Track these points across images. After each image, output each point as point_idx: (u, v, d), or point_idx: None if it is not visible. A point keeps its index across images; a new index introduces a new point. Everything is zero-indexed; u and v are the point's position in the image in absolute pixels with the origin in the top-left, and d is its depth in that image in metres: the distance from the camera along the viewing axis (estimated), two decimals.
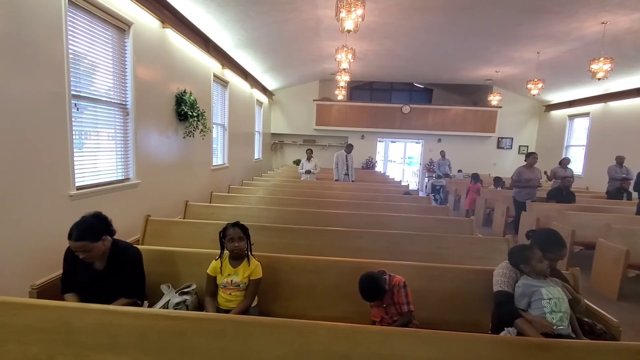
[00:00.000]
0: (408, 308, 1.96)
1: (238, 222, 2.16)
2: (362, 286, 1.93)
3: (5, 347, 1.46)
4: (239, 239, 2.08)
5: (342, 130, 11.50)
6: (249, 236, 2.14)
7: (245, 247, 2.11)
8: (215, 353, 1.42)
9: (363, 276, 1.95)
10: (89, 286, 1.93)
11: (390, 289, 1.98)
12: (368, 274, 1.96)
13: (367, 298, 1.95)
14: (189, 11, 4.52)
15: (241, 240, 2.09)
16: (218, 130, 6.69)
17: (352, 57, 5.92)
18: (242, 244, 2.09)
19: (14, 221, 2.39)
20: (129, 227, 3.43)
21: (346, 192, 5.89)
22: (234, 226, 2.11)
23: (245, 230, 2.13)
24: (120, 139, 3.62)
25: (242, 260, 2.11)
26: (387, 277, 2.01)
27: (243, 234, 2.10)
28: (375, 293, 1.93)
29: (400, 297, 1.97)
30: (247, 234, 2.13)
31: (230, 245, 2.07)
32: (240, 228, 2.11)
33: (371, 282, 1.92)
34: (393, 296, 1.98)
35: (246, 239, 2.12)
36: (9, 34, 2.29)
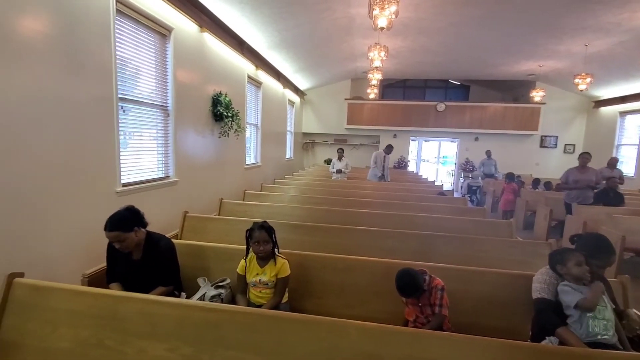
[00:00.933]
0: (440, 311, 1.92)
1: (264, 223, 2.14)
2: (399, 280, 1.91)
3: (61, 329, 1.60)
4: (264, 242, 2.07)
5: (374, 130, 11.36)
6: (272, 236, 2.12)
7: (270, 249, 2.10)
8: (248, 345, 1.47)
9: (401, 271, 1.93)
10: (128, 276, 2.07)
11: (428, 290, 1.95)
12: (407, 269, 1.94)
13: (403, 293, 1.93)
14: (225, 14, 4.67)
15: (267, 243, 2.08)
16: (251, 130, 6.86)
17: (384, 54, 5.84)
18: (267, 247, 2.08)
19: (68, 215, 2.61)
20: (168, 222, 3.61)
21: (377, 192, 5.82)
22: (260, 229, 2.09)
23: (270, 232, 2.10)
24: (161, 139, 3.82)
25: (268, 260, 2.13)
26: (427, 277, 1.98)
27: (269, 237, 2.08)
28: (411, 289, 1.90)
29: (436, 299, 1.94)
30: (272, 236, 2.10)
31: (255, 248, 2.09)
32: (266, 231, 2.09)
33: (408, 277, 1.90)
34: (430, 297, 1.95)
35: (272, 241, 2.11)
36: (65, 42, 2.50)
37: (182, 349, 1.50)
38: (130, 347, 1.53)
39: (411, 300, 1.98)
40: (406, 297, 1.96)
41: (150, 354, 1.51)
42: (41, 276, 1.82)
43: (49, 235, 2.47)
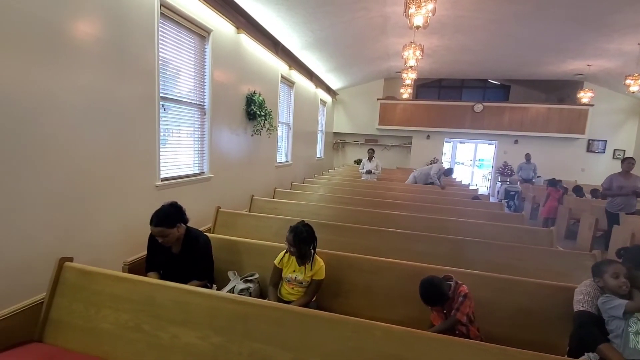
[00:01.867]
0: (455, 314, 1.87)
1: (297, 227, 2.13)
2: (422, 290, 1.90)
3: (103, 311, 1.72)
4: (290, 245, 2.10)
5: (406, 130, 11.14)
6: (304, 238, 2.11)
7: (301, 252, 2.11)
8: (275, 339, 1.50)
9: (424, 280, 1.91)
10: (167, 267, 2.18)
11: (453, 296, 1.91)
12: (429, 278, 1.91)
13: (426, 302, 1.91)
14: (261, 16, 4.78)
15: (292, 246, 2.10)
16: (283, 129, 6.97)
17: (420, 53, 5.72)
18: (292, 250, 2.11)
19: (113, 206, 2.79)
20: (202, 217, 3.76)
21: (407, 194, 5.72)
22: (290, 232, 2.12)
23: (298, 238, 2.09)
24: (197, 137, 3.99)
25: (307, 260, 2.15)
26: (452, 284, 1.93)
27: (295, 242, 2.08)
28: (435, 298, 1.88)
29: (457, 303, 1.89)
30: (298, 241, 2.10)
31: (287, 246, 2.15)
32: (294, 235, 2.09)
33: (431, 287, 1.88)
34: (453, 303, 1.90)
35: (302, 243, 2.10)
36: (114, 45, 2.67)
37: (212, 338, 1.56)
38: (164, 333, 1.61)
39: (436, 307, 1.95)
40: (429, 305, 1.92)
41: (183, 340, 1.58)
42: (87, 261, 1.97)
43: (96, 223, 2.66)
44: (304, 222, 2.22)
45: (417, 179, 7.09)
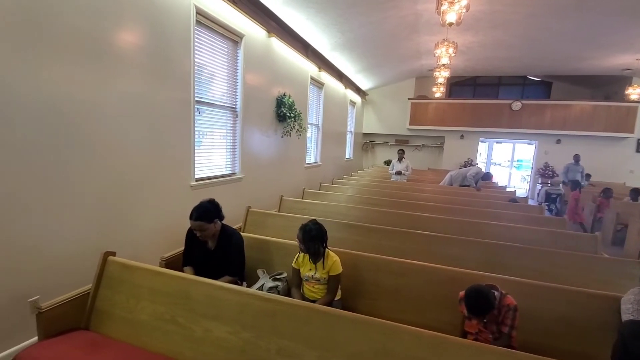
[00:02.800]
0: (510, 332, 1.77)
1: (307, 225, 2.16)
2: (472, 300, 1.76)
3: (142, 303, 1.83)
4: (302, 242, 2.14)
5: (438, 130, 10.83)
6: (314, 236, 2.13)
7: (310, 249, 2.14)
8: (301, 337, 1.52)
9: (472, 290, 1.78)
10: (202, 262, 2.27)
11: (497, 307, 1.80)
12: (479, 288, 1.78)
13: (473, 313, 1.78)
14: (291, 19, 4.86)
15: (301, 243, 2.14)
16: (312, 130, 7.03)
17: (453, 51, 5.56)
18: (301, 247, 2.15)
19: (151, 204, 2.96)
20: (233, 216, 3.87)
21: (439, 196, 5.56)
22: (300, 229, 2.16)
23: (307, 236, 2.12)
24: (229, 138, 4.12)
25: (320, 257, 2.17)
26: (497, 294, 1.82)
27: (304, 240, 2.12)
28: (484, 309, 1.75)
29: (507, 319, 1.78)
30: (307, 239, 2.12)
31: (298, 244, 2.19)
32: (303, 233, 2.13)
33: (481, 297, 1.74)
34: (498, 315, 1.81)
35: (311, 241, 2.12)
36: (153, 52, 2.83)
37: (242, 333, 1.61)
38: (198, 326, 1.69)
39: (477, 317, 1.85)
40: (475, 316, 1.80)
41: (215, 334, 1.65)
42: (128, 256, 2.10)
43: (136, 220, 2.83)
44: (315, 221, 2.24)
45: (453, 180, 6.88)
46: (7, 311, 2.02)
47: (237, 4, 3.71)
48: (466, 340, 1.46)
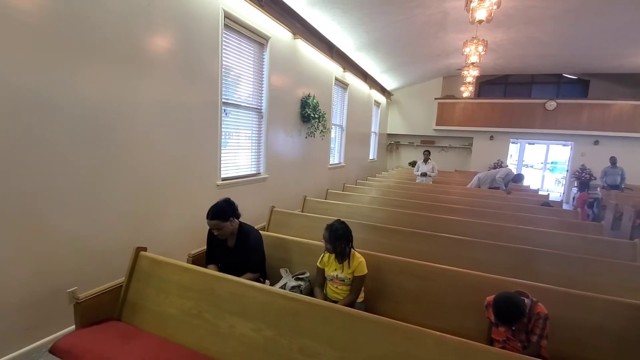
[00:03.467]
0: (539, 341, 1.69)
1: (333, 224, 2.18)
2: (502, 309, 1.69)
3: (171, 297, 1.90)
4: (325, 241, 2.16)
5: (467, 131, 10.51)
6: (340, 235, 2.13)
7: (337, 249, 2.14)
8: (322, 336, 1.53)
9: (504, 297, 1.71)
10: (223, 260, 2.33)
11: (528, 316, 1.72)
12: (510, 296, 1.71)
13: (502, 321, 1.72)
14: (317, 20, 4.88)
15: (327, 243, 2.15)
16: (336, 131, 7.03)
17: (482, 49, 5.40)
18: (328, 247, 2.16)
19: (180, 202, 3.07)
20: (257, 215, 3.95)
21: (466, 198, 5.40)
22: (326, 229, 2.17)
23: (333, 235, 2.13)
24: (255, 139, 4.20)
25: (345, 257, 2.17)
26: (528, 302, 1.74)
27: (330, 239, 2.13)
28: (515, 318, 1.69)
29: (536, 328, 1.71)
30: (334, 238, 2.12)
31: (324, 244, 2.19)
32: (330, 233, 2.13)
33: (514, 306, 1.67)
34: (528, 324, 1.74)
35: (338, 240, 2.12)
36: (183, 55, 2.94)
37: (265, 330, 1.64)
38: (223, 322, 1.73)
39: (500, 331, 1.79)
40: (505, 325, 1.74)
41: (239, 330, 1.69)
42: (158, 251, 2.19)
43: (165, 217, 2.95)
44: (340, 220, 2.25)
45: (481, 182, 6.66)
46: (48, 300, 2.16)
47: (263, 7, 3.78)
48: (492, 348, 1.41)
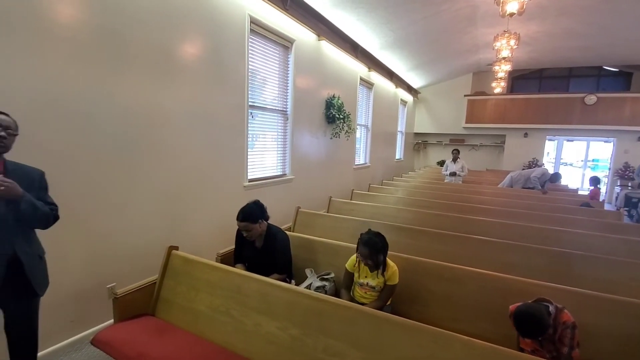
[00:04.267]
0: (570, 353, 1.59)
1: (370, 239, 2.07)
2: (520, 322, 1.62)
3: (200, 295, 1.98)
4: (365, 257, 2.06)
5: (499, 128, 10.10)
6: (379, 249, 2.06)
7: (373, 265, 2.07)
8: (348, 337, 1.53)
9: (522, 311, 1.62)
10: (251, 260, 2.39)
11: (553, 325, 1.63)
12: (529, 309, 1.61)
13: (523, 335, 1.65)
14: (341, 21, 4.88)
15: (368, 259, 2.05)
16: (361, 131, 6.99)
17: (515, 43, 5.18)
18: (369, 262, 2.06)
19: (209, 203, 3.17)
20: (283, 216, 4.00)
21: (499, 199, 5.20)
22: (365, 245, 2.05)
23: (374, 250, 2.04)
24: (280, 140, 4.26)
25: (379, 267, 2.10)
26: (552, 310, 1.65)
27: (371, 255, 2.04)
28: (537, 332, 1.60)
29: (565, 338, 1.61)
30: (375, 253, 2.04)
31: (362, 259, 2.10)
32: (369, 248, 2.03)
33: (533, 321, 1.58)
34: (555, 333, 1.64)
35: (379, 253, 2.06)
36: (212, 61, 3.04)
37: (290, 329, 1.66)
38: (249, 320, 1.78)
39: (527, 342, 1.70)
40: (527, 338, 1.66)
41: (265, 328, 1.72)
42: (189, 250, 2.28)
43: (196, 217, 3.06)
44: (374, 232, 2.15)
45: (514, 182, 6.38)
46: (90, 295, 2.31)
47: (288, 11, 3.83)
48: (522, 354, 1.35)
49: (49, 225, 1.63)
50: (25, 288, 1.56)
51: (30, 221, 1.54)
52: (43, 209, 1.55)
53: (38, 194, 1.58)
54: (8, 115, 1.52)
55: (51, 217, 1.62)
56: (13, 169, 1.52)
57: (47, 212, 1.58)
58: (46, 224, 1.61)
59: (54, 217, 1.64)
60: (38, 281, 1.61)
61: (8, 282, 1.49)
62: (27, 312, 1.63)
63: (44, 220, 1.58)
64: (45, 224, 1.61)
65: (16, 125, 1.54)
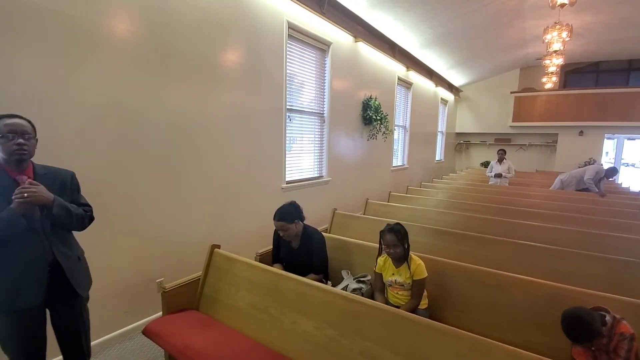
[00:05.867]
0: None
1: (395, 226, 2.12)
2: (565, 323, 1.56)
3: (241, 292, 2.06)
4: (394, 245, 2.07)
5: (550, 126, 9.42)
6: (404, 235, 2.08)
7: (401, 252, 2.08)
8: (384, 341, 1.52)
9: (570, 313, 1.56)
10: (288, 260, 2.44)
11: (608, 335, 1.52)
12: (579, 311, 1.54)
13: (570, 338, 1.57)
14: (378, 21, 4.84)
15: (396, 246, 2.07)
16: (399, 132, 6.86)
17: (567, 35, 4.83)
18: (397, 250, 2.07)
19: (249, 204, 3.29)
20: (320, 217, 4.04)
21: (550, 202, 4.85)
22: (390, 232, 2.09)
23: (400, 235, 2.07)
24: (317, 143, 4.31)
25: (403, 261, 2.11)
26: (609, 319, 1.54)
27: (398, 241, 2.06)
28: (582, 336, 1.53)
29: (621, 349, 1.48)
30: (400, 239, 2.06)
31: (386, 250, 2.12)
32: (395, 234, 2.07)
33: (579, 322, 1.51)
34: (610, 343, 1.51)
35: (402, 244, 2.07)
36: (251, 67, 3.15)
37: (327, 330, 1.68)
38: (286, 318, 1.82)
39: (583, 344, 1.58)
40: (573, 341, 1.57)
41: (301, 327, 1.75)
42: (230, 249, 2.38)
43: (236, 218, 3.19)
44: (397, 222, 2.19)
45: (564, 184, 5.92)
46: (141, 289, 2.50)
47: (325, 14, 3.87)
48: None
49: (85, 226, 1.62)
50: (68, 289, 1.55)
51: (65, 224, 1.52)
52: (77, 211, 1.54)
53: (71, 195, 1.58)
54: (22, 118, 1.46)
55: (86, 218, 1.61)
56: (43, 173, 1.51)
57: (81, 214, 1.57)
58: (82, 225, 1.60)
59: (89, 219, 1.63)
60: (78, 282, 1.59)
61: (51, 285, 1.49)
62: (71, 311, 1.63)
63: (79, 222, 1.57)
64: (81, 226, 1.60)
65: (33, 127, 1.48)
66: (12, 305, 1.42)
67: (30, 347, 1.51)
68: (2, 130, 1.39)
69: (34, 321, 1.50)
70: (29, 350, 1.51)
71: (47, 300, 1.51)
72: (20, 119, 1.45)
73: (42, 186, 1.41)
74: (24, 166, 1.46)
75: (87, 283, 1.68)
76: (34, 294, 1.44)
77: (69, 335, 1.66)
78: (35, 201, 1.38)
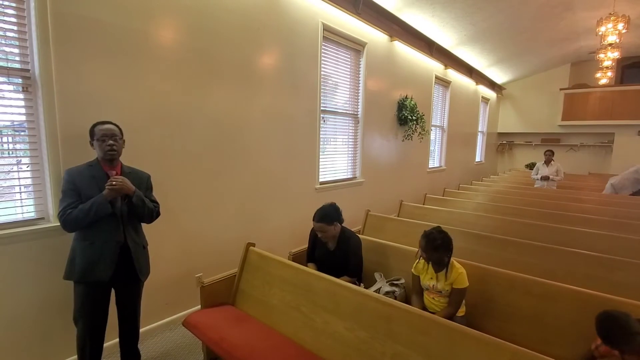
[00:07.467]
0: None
1: (431, 233, 2.02)
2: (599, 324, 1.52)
3: (274, 290, 2.09)
4: (424, 250, 2.00)
5: (604, 125, 8.67)
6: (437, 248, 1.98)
7: (436, 258, 1.99)
8: (418, 346, 1.47)
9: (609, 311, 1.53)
10: (323, 261, 2.45)
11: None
12: (617, 312, 1.50)
13: (604, 340, 1.50)
14: (414, 19, 4.73)
15: (425, 252, 1.99)
16: (436, 132, 6.65)
17: (623, 26, 4.43)
18: (433, 256, 1.98)
19: (282, 204, 3.35)
20: (353, 218, 4.01)
21: (604, 207, 4.46)
22: (424, 238, 2.02)
23: (432, 245, 1.98)
24: (351, 144, 4.29)
25: (443, 267, 2.02)
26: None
27: (427, 249, 1.98)
28: (614, 338, 1.45)
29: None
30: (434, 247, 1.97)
31: (421, 254, 2.05)
32: (429, 242, 1.98)
33: (610, 323, 1.46)
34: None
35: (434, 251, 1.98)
36: (287, 70, 3.21)
37: (358, 331, 1.66)
38: (318, 317, 1.83)
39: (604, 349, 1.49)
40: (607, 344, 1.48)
41: (333, 327, 1.75)
42: (264, 247, 2.43)
43: (271, 217, 3.26)
44: (439, 228, 2.07)
45: (616, 188, 5.41)
46: (182, 283, 2.62)
47: (360, 14, 3.85)
48: None
49: (153, 219, 1.94)
50: (131, 273, 1.84)
51: (139, 214, 1.83)
52: (149, 205, 1.86)
53: (145, 193, 1.89)
54: (111, 123, 1.81)
55: (154, 212, 1.92)
56: (128, 172, 1.86)
57: (152, 207, 1.88)
58: (150, 218, 1.91)
59: (157, 213, 1.94)
60: (141, 268, 1.88)
61: (119, 266, 1.77)
62: (131, 294, 1.93)
63: (149, 214, 1.88)
64: (150, 218, 1.90)
65: (121, 131, 1.84)
66: (88, 276, 1.70)
67: (95, 320, 1.78)
68: (98, 134, 1.75)
69: (101, 296, 1.78)
70: (94, 324, 1.78)
71: (113, 279, 1.76)
72: (110, 124, 1.79)
73: (127, 179, 1.74)
74: (115, 164, 1.81)
75: (147, 271, 1.96)
76: (105, 270, 1.72)
77: (128, 314, 1.94)
78: (121, 190, 1.71)
